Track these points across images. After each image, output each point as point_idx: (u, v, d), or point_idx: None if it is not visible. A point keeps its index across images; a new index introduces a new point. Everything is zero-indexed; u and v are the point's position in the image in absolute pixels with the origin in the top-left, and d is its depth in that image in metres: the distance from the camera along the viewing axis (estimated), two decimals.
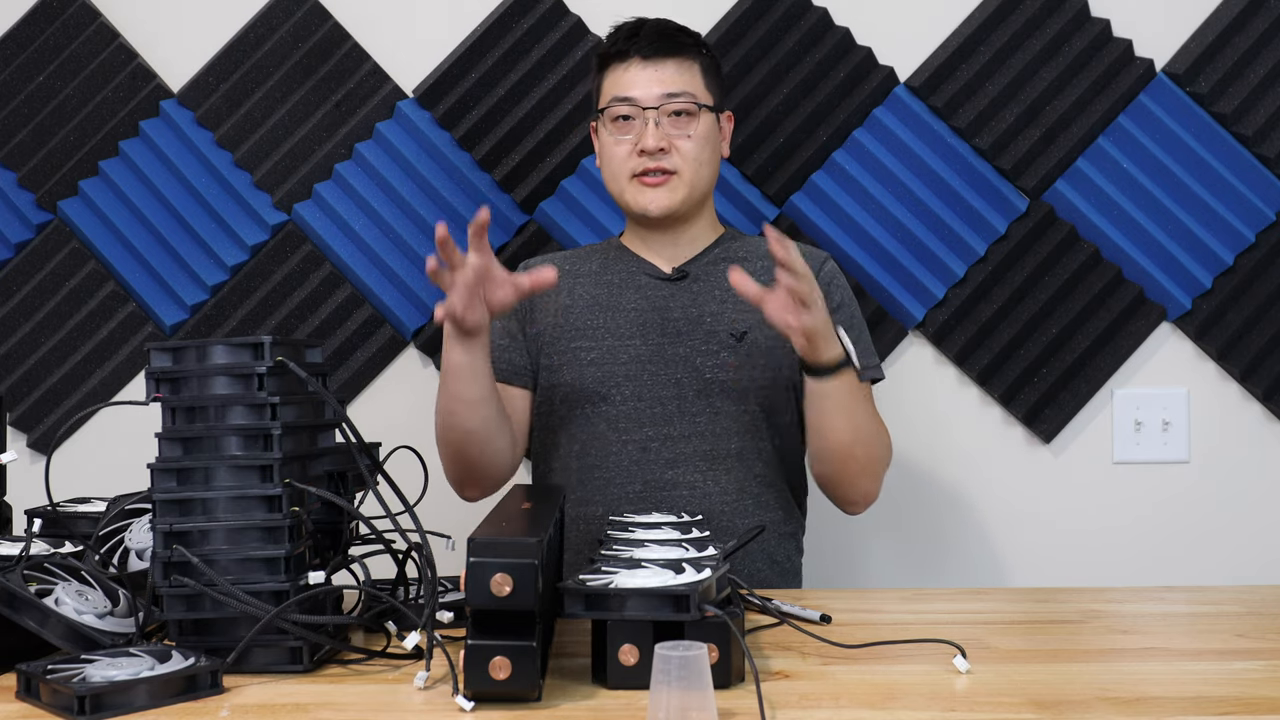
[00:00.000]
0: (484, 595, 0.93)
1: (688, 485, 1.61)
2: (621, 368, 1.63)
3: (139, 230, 2.01)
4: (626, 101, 1.61)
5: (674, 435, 1.62)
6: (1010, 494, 2.04)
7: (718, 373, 1.62)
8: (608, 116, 1.63)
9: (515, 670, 0.93)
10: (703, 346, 1.63)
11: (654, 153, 1.60)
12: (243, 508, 1.05)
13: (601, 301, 1.67)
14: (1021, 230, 1.99)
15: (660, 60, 1.62)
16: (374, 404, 2.03)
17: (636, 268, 1.68)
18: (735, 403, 1.62)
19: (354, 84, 2.02)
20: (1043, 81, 1.99)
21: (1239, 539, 2.03)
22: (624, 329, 1.64)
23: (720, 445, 1.62)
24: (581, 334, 1.65)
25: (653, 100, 1.60)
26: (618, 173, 1.64)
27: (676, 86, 1.61)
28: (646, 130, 1.60)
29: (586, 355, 1.64)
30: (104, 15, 2.03)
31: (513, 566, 0.93)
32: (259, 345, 1.06)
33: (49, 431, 2.01)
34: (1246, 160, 1.99)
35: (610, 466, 1.62)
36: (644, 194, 1.62)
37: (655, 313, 1.65)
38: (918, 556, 2.05)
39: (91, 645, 1.03)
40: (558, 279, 1.46)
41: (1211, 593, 1.41)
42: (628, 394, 1.62)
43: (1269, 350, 2.01)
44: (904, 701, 0.95)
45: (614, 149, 1.63)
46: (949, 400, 2.03)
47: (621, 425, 1.62)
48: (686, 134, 1.61)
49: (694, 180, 1.62)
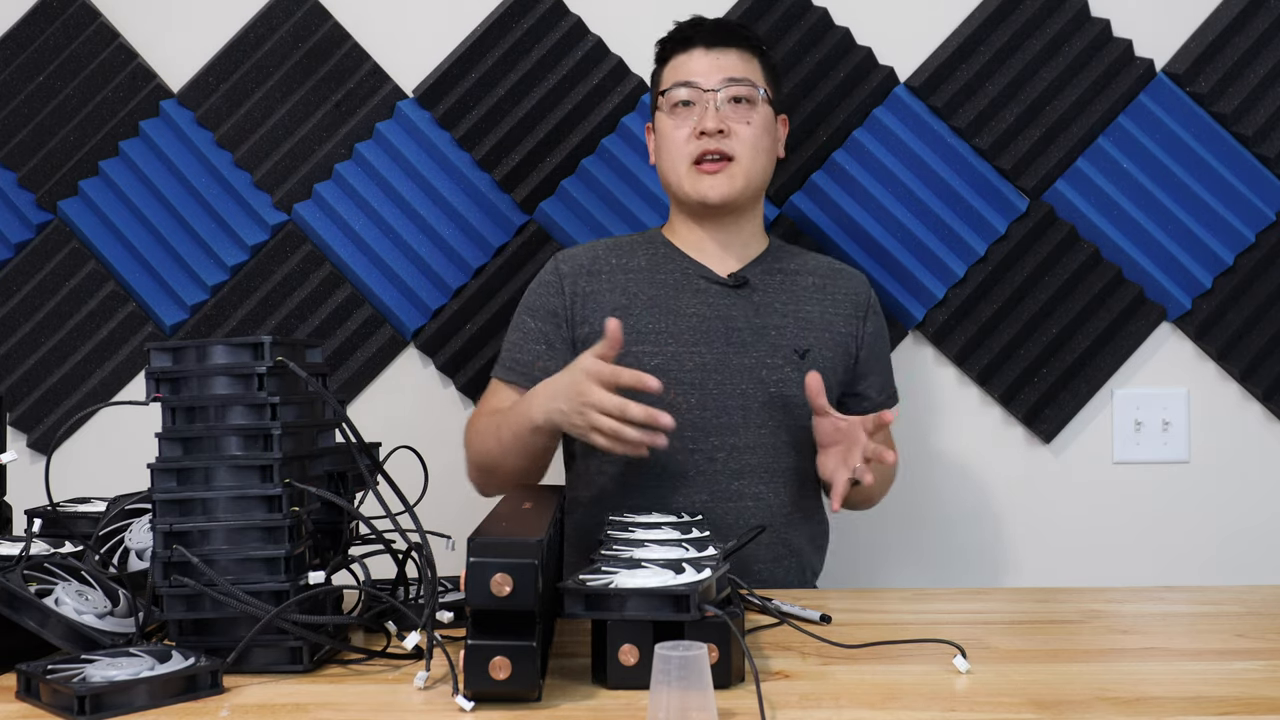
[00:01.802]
0: (484, 595, 0.93)
1: (753, 496, 1.60)
2: (687, 375, 1.60)
3: (139, 230, 2.01)
4: (688, 85, 1.61)
5: (740, 446, 1.60)
6: (1010, 494, 2.04)
7: (782, 387, 1.61)
8: (668, 100, 1.63)
9: (515, 670, 0.93)
10: (768, 360, 1.62)
11: (714, 134, 1.59)
12: (243, 508, 1.05)
13: (660, 304, 1.63)
14: (1021, 230, 1.99)
15: (723, 49, 1.62)
16: (374, 404, 2.03)
17: (691, 269, 1.66)
18: (795, 419, 1.62)
19: (354, 84, 2.02)
20: (1043, 81, 1.99)
21: (1239, 539, 2.03)
22: (687, 335, 1.61)
23: (780, 459, 1.62)
24: (643, 337, 1.61)
25: (715, 83, 1.60)
26: (676, 158, 1.62)
27: (738, 73, 1.62)
28: (708, 112, 1.59)
29: (650, 360, 1.59)
30: (104, 15, 2.03)
31: (513, 566, 0.93)
32: (259, 345, 1.06)
33: (49, 431, 2.01)
34: (1246, 160, 1.99)
35: (673, 475, 1.59)
36: (702, 181, 1.60)
37: (719, 320, 1.63)
38: (918, 556, 2.05)
39: (91, 645, 1.03)
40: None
41: (1211, 593, 1.41)
42: (694, 402, 1.59)
43: (1269, 350, 2.01)
44: (904, 701, 0.95)
45: (673, 133, 1.62)
46: (949, 400, 2.03)
47: (688, 434, 1.58)
48: (746, 120, 1.61)
49: (751, 169, 1.61)
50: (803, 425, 1.62)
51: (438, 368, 2.02)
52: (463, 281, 2.00)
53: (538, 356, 1.63)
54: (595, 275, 1.66)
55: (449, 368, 2.01)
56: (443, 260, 2.00)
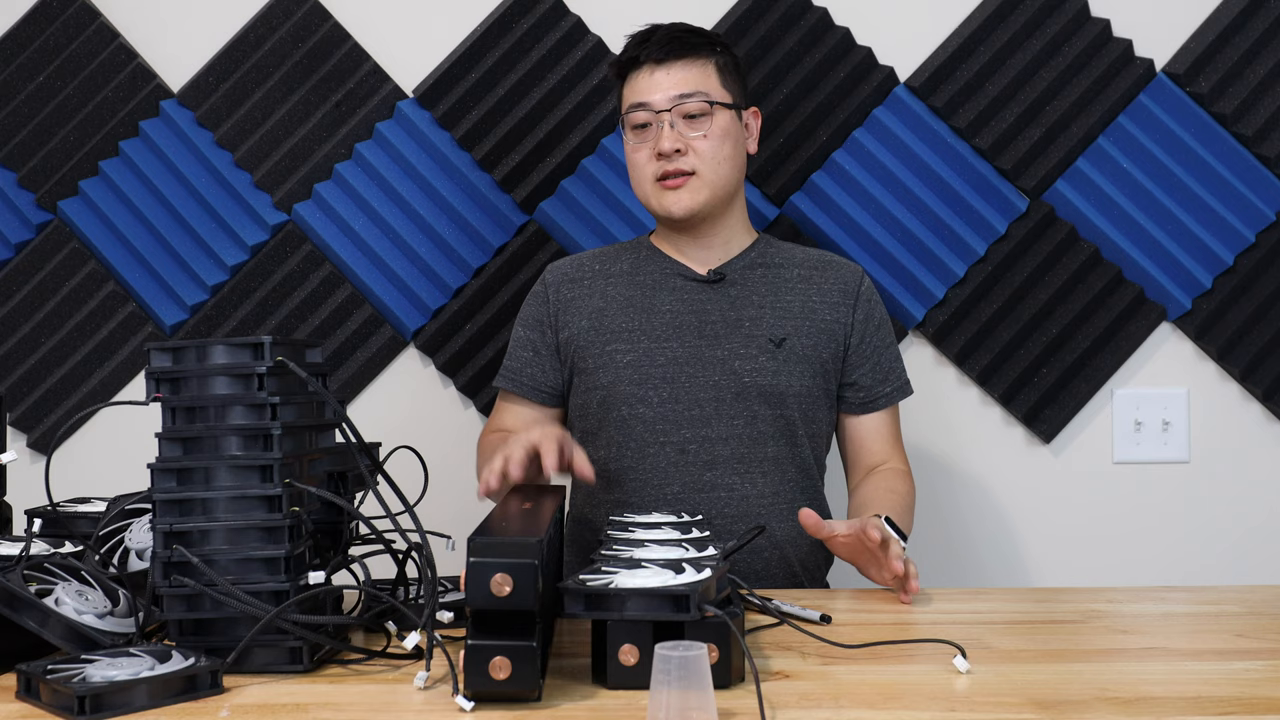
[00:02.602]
0: (484, 595, 0.93)
1: (725, 487, 1.62)
2: (659, 370, 1.63)
3: (139, 230, 2.01)
4: (642, 107, 1.62)
5: (712, 438, 1.62)
6: (1010, 494, 2.04)
7: (755, 377, 1.62)
8: (628, 124, 1.64)
9: (515, 670, 0.93)
10: (741, 350, 1.63)
11: (670, 155, 1.60)
12: (243, 508, 1.05)
13: (636, 303, 1.67)
14: (1021, 230, 1.99)
15: (671, 63, 1.62)
16: (374, 404, 2.03)
17: (670, 269, 1.69)
18: (772, 407, 1.63)
19: (354, 84, 2.02)
20: (1043, 81, 1.99)
21: (1239, 539, 2.03)
22: (660, 331, 1.65)
23: (756, 449, 1.63)
24: (617, 336, 1.65)
25: (665, 103, 1.61)
26: (641, 178, 1.65)
27: (688, 87, 1.61)
28: (662, 133, 1.60)
29: (623, 358, 1.64)
30: (104, 15, 2.03)
31: (513, 566, 0.93)
32: (259, 345, 1.06)
33: (49, 431, 2.01)
34: (1246, 160, 1.99)
35: (648, 468, 1.62)
36: (666, 197, 1.63)
37: (692, 315, 1.65)
38: (918, 557, 2.05)
39: (91, 645, 1.03)
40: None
41: (1211, 593, 1.41)
42: (665, 396, 1.63)
43: (1269, 350, 2.01)
44: (904, 701, 0.95)
45: (635, 155, 1.65)
46: (949, 400, 2.03)
47: (659, 427, 1.62)
48: (702, 133, 1.61)
49: (714, 179, 1.62)
50: (783, 414, 1.63)
51: (438, 368, 2.02)
52: (463, 281, 2.00)
53: (525, 364, 1.71)
54: (578, 282, 1.71)
55: (449, 368, 2.01)
56: (443, 260, 2.00)
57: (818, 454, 1.69)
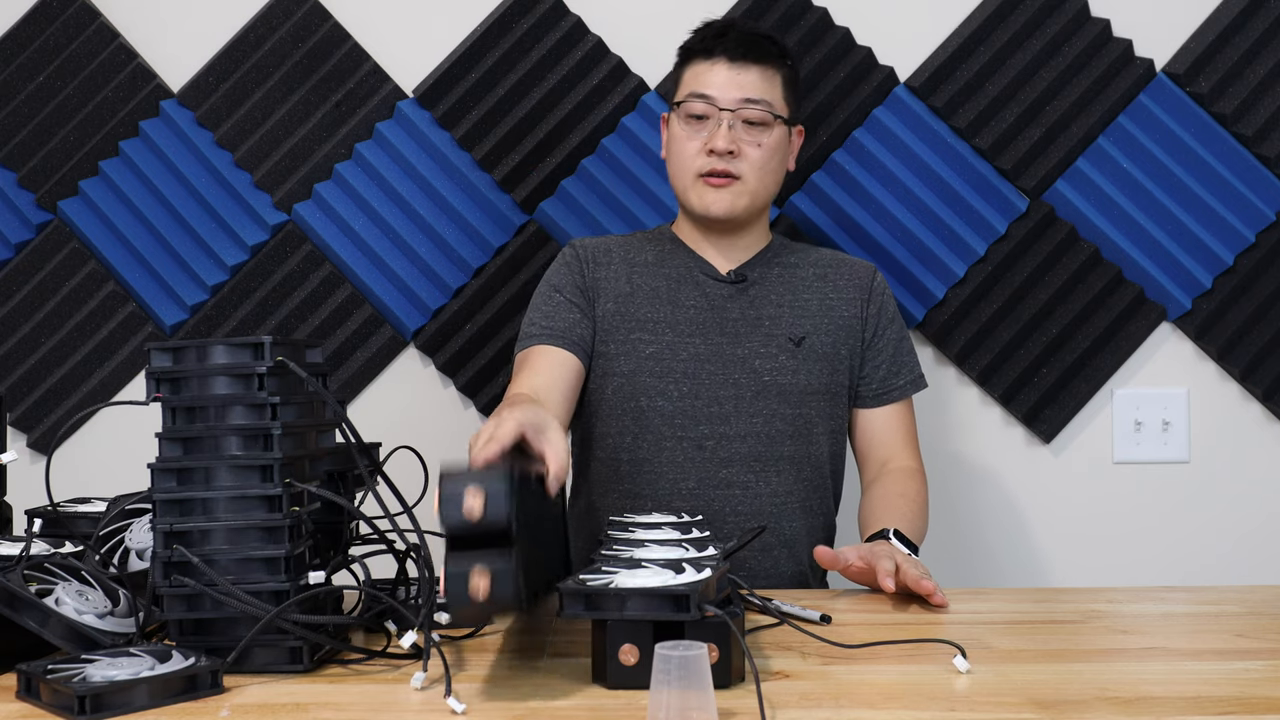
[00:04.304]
0: (456, 517, 0.92)
1: (741, 485, 1.62)
2: (681, 364, 1.63)
3: (139, 230, 2.01)
4: (704, 99, 1.62)
5: (730, 435, 1.63)
6: (1010, 494, 2.04)
7: (776, 376, 1.63)
8: (683, 111, 1.64)
9: (495, 586, 0.91)
10: (761, 349, 1.64)
11: (723, 154, 1.60)
12: (243, 508, 1.05)
13: (662, 295, 1.67)
14: (1021, 230, 1.99)
15: (745, 65, 1.62)
16: (374, 404, 2.03)
17: (694, 265, 1.69)
18: (791, 406, 1.64)
19: (354, 84, 2.02)
20: (1043, 81, 1.99)
21: (1239, 539, 2.03)
22: (684, 325, 1.65)
23: (774, 448, 1.63)
24: (641, 325, 1.65)
25: (731, 103, 1.60)
26: (684, 169, 1.64)
27: (756, 93, 1.61)
28: (719, 131, 1.60)
29: (645, 348, 1.64)
30: (104, 15, 2.03)
31: (482, 478, 0.93)
32: (259, 345, 1.06)
33: (49, 431, 2.01)
34: (1246, 160, 1.99)
35: (664, 461, 1.63)
36: (707, 194, 1.63)
37: (714, 313, 1.66)
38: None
39: (91, 645, 1.03)
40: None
41: (1211, 593, 1.41)
42: (685, 391, 1.63)
43: (1269, 350, 2.01)
44: (904, 701, 0.95)
45: (684, 144, 1.64)
46: (949, 400, 2.03)
47: (678, 421, 1.63)
48: (758, 142, 1.61)
49: (757, 188, 1.63)
50: (801, 413, 1.64)
51: (438, 368, 2.02)
52: (463, 281, 2.00)
53: (574, 324, 1.64)
54: (606, 264, 1.70)
55: (449, 368, 2.01)
56: (443, 260, 2.00)
57: (834, 452, 1.70)
